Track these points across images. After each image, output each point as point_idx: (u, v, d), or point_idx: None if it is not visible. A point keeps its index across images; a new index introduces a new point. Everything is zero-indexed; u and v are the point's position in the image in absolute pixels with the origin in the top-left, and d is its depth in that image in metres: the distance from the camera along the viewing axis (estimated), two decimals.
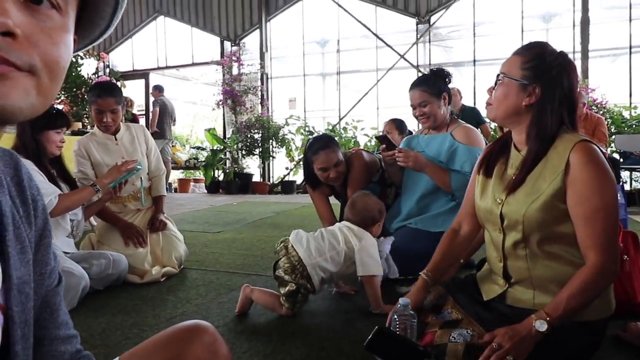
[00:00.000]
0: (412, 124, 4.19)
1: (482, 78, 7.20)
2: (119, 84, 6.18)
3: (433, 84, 2.17)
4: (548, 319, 1.15)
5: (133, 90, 8.42)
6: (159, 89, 7.64)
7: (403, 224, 2.26)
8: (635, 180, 5.99)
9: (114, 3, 0.51)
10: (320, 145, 2.29)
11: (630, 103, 6.39)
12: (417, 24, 7.67)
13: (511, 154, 1.39)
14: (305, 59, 8.51)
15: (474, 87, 7.35)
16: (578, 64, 6.15)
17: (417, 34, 7.65)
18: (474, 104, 6.66)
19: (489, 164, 1.43)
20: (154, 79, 9.46)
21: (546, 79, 1.25)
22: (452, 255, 1.54)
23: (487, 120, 4.90)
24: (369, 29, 7.84)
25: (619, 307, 1.37)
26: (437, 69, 2.25)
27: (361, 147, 6.77)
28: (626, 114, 6.20)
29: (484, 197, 1.42)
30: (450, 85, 2.25)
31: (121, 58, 9.90)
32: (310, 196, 2.56)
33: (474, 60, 7.39)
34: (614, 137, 5.72)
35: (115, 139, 2.49)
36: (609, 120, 5.85)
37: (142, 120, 8.61)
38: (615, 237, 1.22)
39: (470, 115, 4.69)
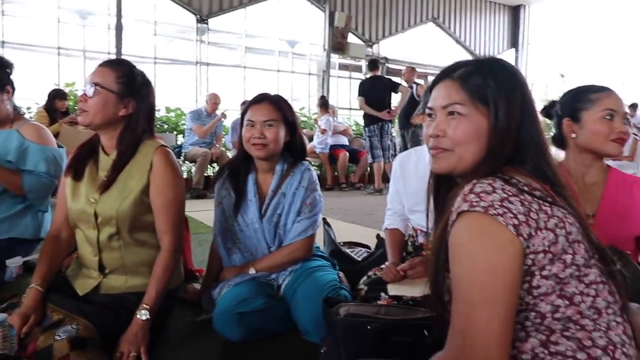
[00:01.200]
0: None
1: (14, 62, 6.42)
2: None
3: None
4: (148, 307, 1.40)
5: None
6: None
7: None
8: None
9: None
10: None
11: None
12: None
13: (100, 158, 1.53)
14: None
15: None
16: None
17: None
18: None
19: (77, 167, 1.51)
20: None
21: (139, 95, 1.48)
22: (57, 261, 1.55)
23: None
24: None
25: None
26: None
27: None
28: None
29: (75, 199, 1.50)
30: None
31: None
32: None
33: (3, 42, 6.49)
34: None
35: None
36: None
37: None
38: (182, 222, 1.60)
39: None
